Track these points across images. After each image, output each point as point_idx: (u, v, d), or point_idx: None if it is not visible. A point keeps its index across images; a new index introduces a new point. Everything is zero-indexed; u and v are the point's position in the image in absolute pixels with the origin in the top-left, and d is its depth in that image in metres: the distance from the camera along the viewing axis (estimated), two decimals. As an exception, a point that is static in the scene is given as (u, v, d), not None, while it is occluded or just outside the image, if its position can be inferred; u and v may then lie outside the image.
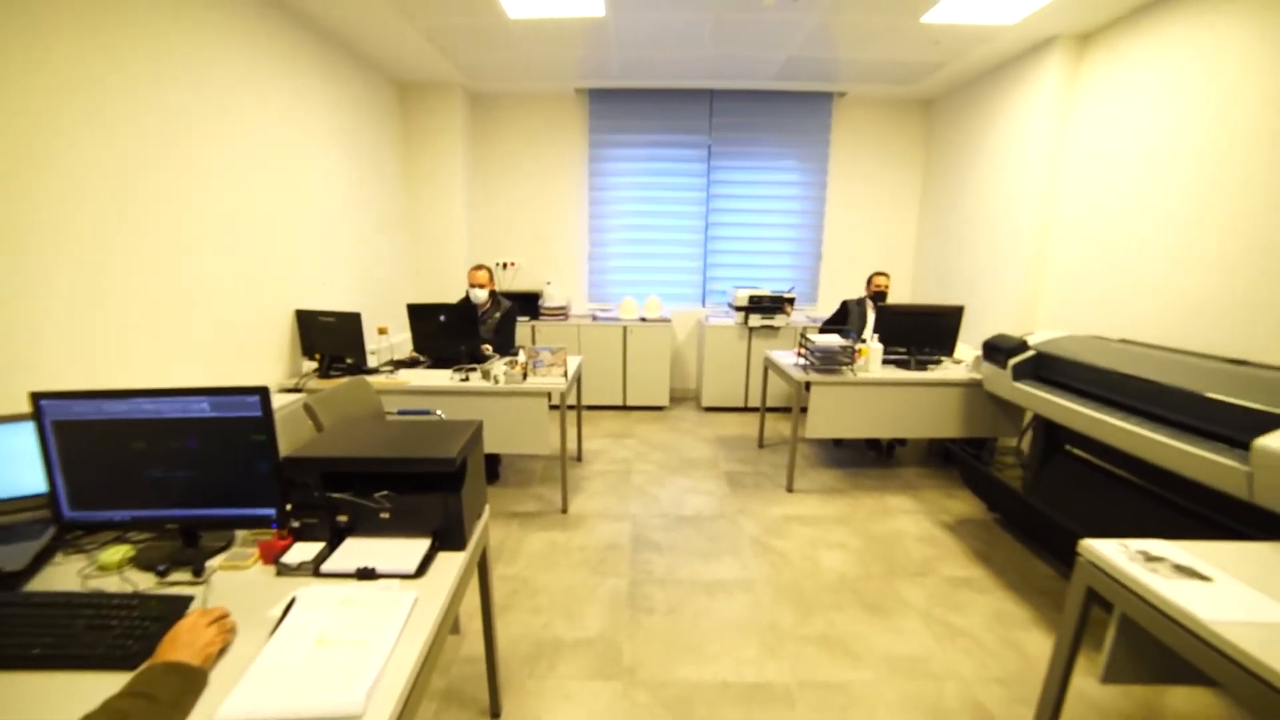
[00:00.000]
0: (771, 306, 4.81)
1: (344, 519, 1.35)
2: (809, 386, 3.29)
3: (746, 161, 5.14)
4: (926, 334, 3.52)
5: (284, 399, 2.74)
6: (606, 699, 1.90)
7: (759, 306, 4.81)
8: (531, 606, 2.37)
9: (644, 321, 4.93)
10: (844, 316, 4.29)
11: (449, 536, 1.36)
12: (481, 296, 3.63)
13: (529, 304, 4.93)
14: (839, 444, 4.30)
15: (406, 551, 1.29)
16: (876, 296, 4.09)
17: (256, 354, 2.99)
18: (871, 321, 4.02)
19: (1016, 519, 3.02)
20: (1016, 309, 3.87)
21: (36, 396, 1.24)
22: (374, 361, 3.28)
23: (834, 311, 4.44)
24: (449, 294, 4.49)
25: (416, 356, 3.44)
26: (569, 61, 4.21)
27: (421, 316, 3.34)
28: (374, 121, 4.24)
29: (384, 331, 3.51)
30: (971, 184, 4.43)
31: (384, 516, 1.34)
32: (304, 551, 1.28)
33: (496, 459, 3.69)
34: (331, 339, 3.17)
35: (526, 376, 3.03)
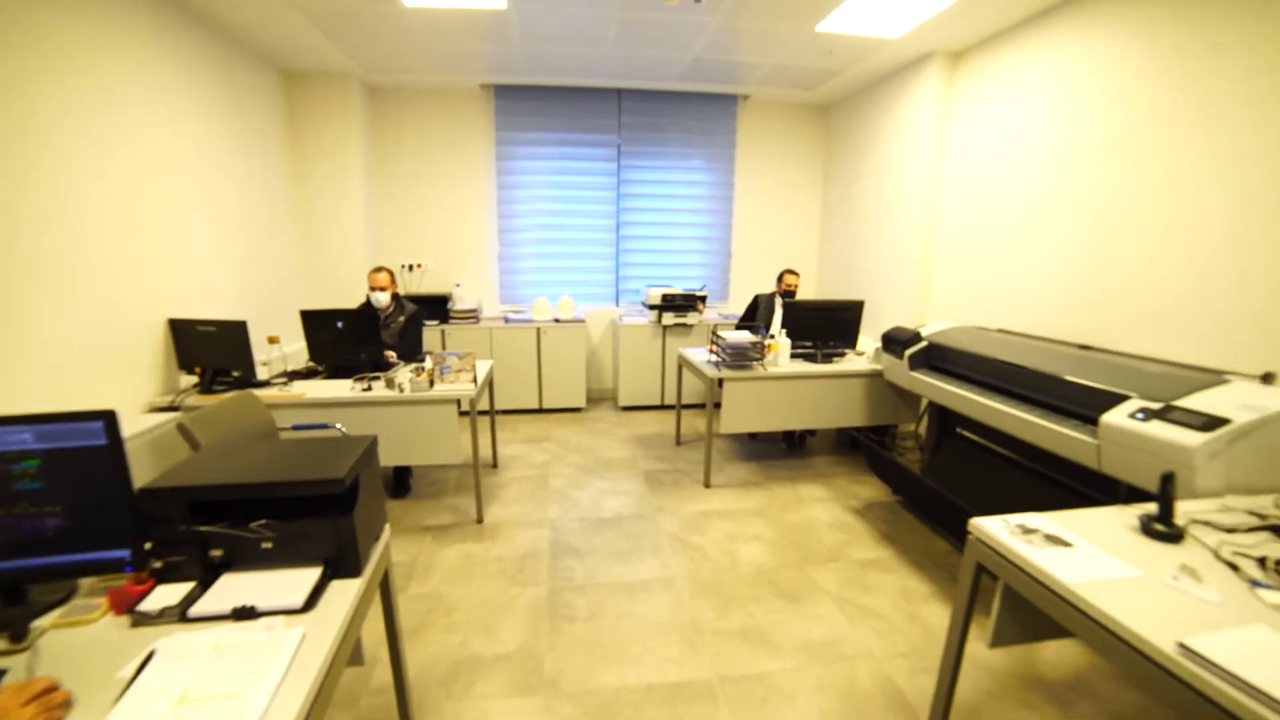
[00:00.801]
0: (684, 304, 4.89)
1: (218, 553, 1.21)
2: (722, 383, 3.36)
3: (656, 161, 5.18)
4: (831, 328, 3.69)
5: (155, 419, 2.47)
6: (528, 714, 1.84)
7: (672, 305, 4.87)
8: (447, 624, 2.26)
9: (558, 322, 4.85)
10: (755, 311, 4.43)
11: (342, 563, 1.26)
12: (383, 300, 3.42)
13: (438, 307, 4.72)
14: (754, 438, 4.43)
15: (293, 584, 1.18)
16: (786, 294, 4.25)
17: (122, 370, 2.65)
18: (779, 317, 4.18)
19: (917, 500, 3.22)
20: (911, 302, 4.16)
21: None
22: (265, 373, 3.01)
23: (747, 306, 4.58)
24: (349, 298, 4.21)
25: (314, 366, 3.19)
26: (472, 55, 4.06)
27: (317, 323, 3.11)
28: (257, 111, 3.87)
29: (275, 340, 3.22)
30: (866, 185, 4.71)
31: (266, 547, 1.22)
32: (168, 595, 1.14)
33: (407, 471, 3.50)
34: (213, 350, 2.88)
35: (434, 383, 2.89)
